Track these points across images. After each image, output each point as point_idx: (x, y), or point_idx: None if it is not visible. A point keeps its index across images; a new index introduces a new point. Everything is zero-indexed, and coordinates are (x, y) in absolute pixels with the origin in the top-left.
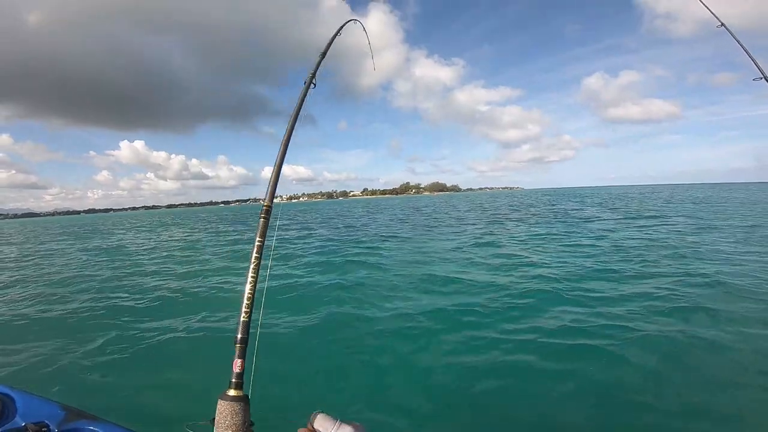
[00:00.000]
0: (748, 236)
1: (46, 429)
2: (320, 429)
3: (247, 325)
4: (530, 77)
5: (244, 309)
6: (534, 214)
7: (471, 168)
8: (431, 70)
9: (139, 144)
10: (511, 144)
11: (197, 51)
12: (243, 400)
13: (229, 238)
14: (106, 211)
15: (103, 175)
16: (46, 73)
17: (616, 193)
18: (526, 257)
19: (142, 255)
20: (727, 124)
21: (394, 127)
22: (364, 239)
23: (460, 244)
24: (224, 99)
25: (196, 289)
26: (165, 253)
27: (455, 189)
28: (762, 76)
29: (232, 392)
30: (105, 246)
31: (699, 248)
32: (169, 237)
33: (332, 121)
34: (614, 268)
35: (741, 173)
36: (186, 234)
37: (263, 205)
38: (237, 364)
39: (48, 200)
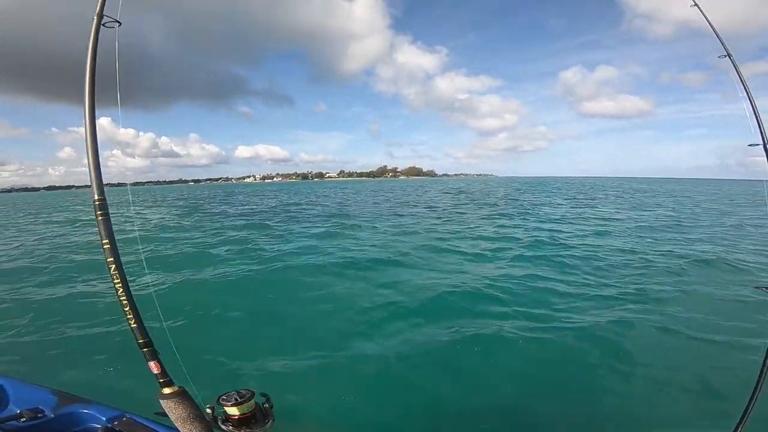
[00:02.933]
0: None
1: (41, 415)
2: None
3: (140, 329)
4: (511, 67)
5: (127, 315)
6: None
7: (448, 154)
8: (414, 57)
9: (105, 120)
10: (488, 132)
11: (174, 30)
12: (178, 394)
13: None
14: (68, 187)
15: (66, 152)
16: (13, 51)
17: (587, 183)
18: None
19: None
20: (694, 122)
21: (374, 112)
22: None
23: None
24: (200, 78)
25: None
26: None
27: (431, 174)
28: (726, 53)
29: (166, 390)
30: None
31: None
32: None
33: (310, 102)
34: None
35: (704, 170)
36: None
37: (94, 202)
38: (152, 367)
39: (5, 177)
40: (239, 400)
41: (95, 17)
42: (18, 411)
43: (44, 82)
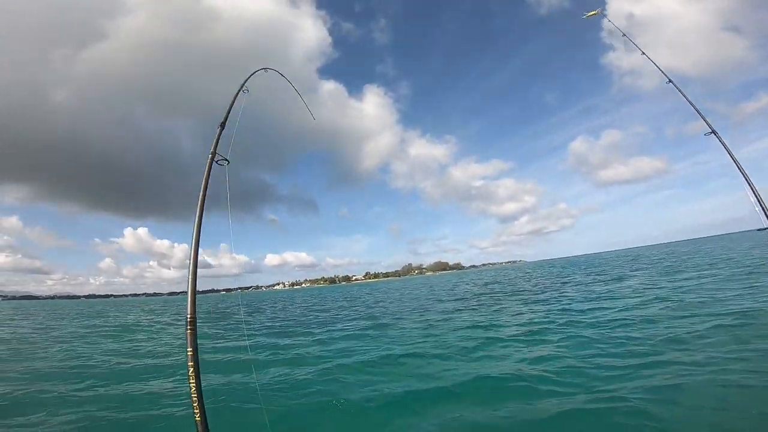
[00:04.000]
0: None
1: None
2: None
3: (203, 423)
4: (519, 148)
5: (194, 411)
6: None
7: (472, 245)
8: (426, 149)
9: (142, 231)
10: (509, 217)
11: (204, 136)
12: None
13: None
14: (107, 296)
15: (106, 262)
16: (63, 156)
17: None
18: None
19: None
20: (714, 171)
21: (393, 210)
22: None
23: None
24: (232, 189)
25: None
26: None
27: (458, 267)
28: (711, 130)
29: None
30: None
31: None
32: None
33: (333, 207)
34: None
35: (741, 222)
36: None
37: (187, 317)
38: None
39: (49, 285)
40: None
41: (209, 155)
42: None
43: (88, 191)
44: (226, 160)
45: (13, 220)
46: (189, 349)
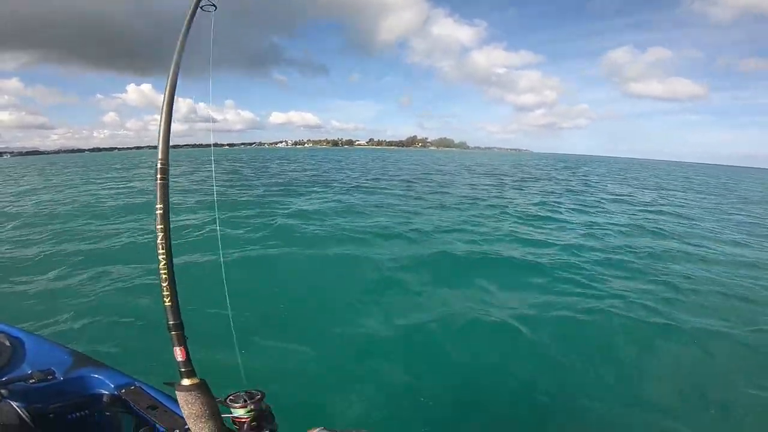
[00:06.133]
0: None
1: (51, 377)
2: None
3: (174, 309)
4: (553, 45)
5: (164, 292)
6: None
7: (481, 128)
8: (451, 30)
9: (146, 87)
10: (525, 108)
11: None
12: (198, 387)
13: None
14: (111, 149)
15: (110, 116)
16: (66, 22)
17: (618, 165)
18: None
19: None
20: (751, 109)
21: (406, 82)
22: None
23: None
24: (239, 47)
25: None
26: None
27: (462, 146)
28: None
29: (185, 381)
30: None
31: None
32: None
33: (343, 72)
34: None
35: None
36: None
37: (157, 164)
38: (177, 353)
39: (54, 139)
40: (248, 401)
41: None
42: (29, 372)
43: (91, 51)
44: (213, 5)
45: (14, 82)
46: (158, 206)
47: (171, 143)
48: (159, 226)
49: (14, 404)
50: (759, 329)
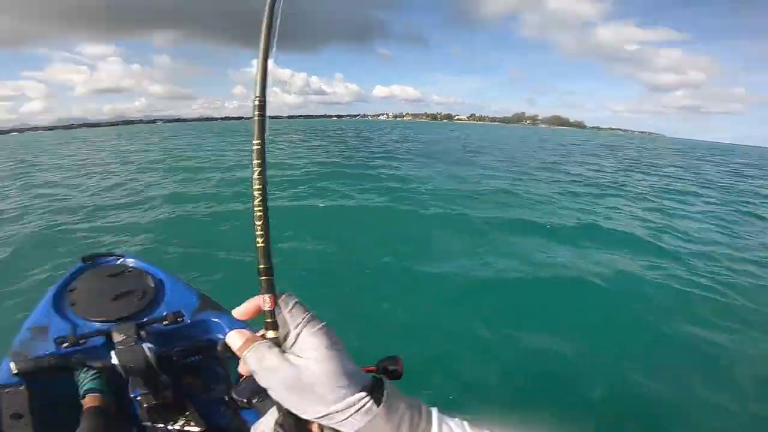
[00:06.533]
0: None
1: (180, 319)
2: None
3: (265, 251)
4: (702, 21)
5: (257, 231)
6: None
7: (604, 107)
8: (569, 4)
9: (269, 63)
10: (661, 88)
11: None
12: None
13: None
14: (239, 118)
15: (238, 89)
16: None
17: None
18: None
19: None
20: None
21: (514, 58)
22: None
23: None
24: (345, 23)
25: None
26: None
27: (579, 125)
28: None
29: (270, 334)
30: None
31: None
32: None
33: (446, 46)
34: None
35: None
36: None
37: (255, 101)
38: (265, 301)
39: (194, 108)
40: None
41: None
42: (165, 313)
43: (222, 27)
44: None
45: (164, 58)
46: (255, 141)
47: (288, 114)
48: (255, 161)
49: (146, 346)
50: None
